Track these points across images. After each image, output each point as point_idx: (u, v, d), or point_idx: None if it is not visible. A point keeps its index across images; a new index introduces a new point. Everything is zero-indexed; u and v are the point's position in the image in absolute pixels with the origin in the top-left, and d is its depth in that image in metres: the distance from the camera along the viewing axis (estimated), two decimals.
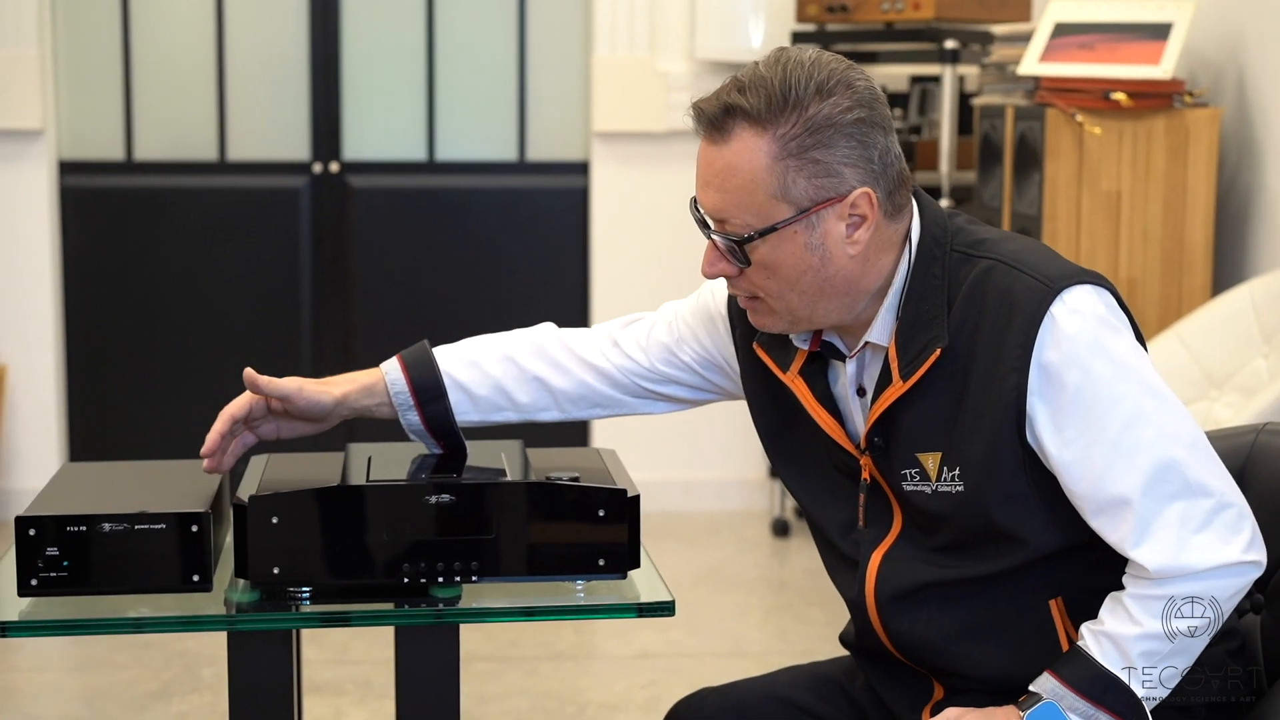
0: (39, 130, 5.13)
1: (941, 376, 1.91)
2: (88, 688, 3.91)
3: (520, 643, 4.16)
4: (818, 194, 1.86)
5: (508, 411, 2.20)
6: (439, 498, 1.94)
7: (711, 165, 1.89)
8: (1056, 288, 1.87)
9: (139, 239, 5.31)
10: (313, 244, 5.36)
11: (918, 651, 2.01)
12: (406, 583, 1.94)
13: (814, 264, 1.89)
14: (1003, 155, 4.18)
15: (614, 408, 2.24)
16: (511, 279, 5.42)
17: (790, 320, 1.94)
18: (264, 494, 1.92)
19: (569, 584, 1.99)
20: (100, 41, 5.26)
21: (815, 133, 1.84)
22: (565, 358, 2.20)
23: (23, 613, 1.92)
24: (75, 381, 5.31)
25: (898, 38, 4.88)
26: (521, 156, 5.43)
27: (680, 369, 2.19)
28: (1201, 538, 1.85)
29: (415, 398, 2.14)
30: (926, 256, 1.93)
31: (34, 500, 2.01)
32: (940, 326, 1.90)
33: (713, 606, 4.50)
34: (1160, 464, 1.84)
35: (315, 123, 5.34)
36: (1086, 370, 1.85)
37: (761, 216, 1.87)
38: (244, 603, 1.94)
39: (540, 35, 5.39)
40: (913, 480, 1.95)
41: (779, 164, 1.85)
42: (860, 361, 1.99)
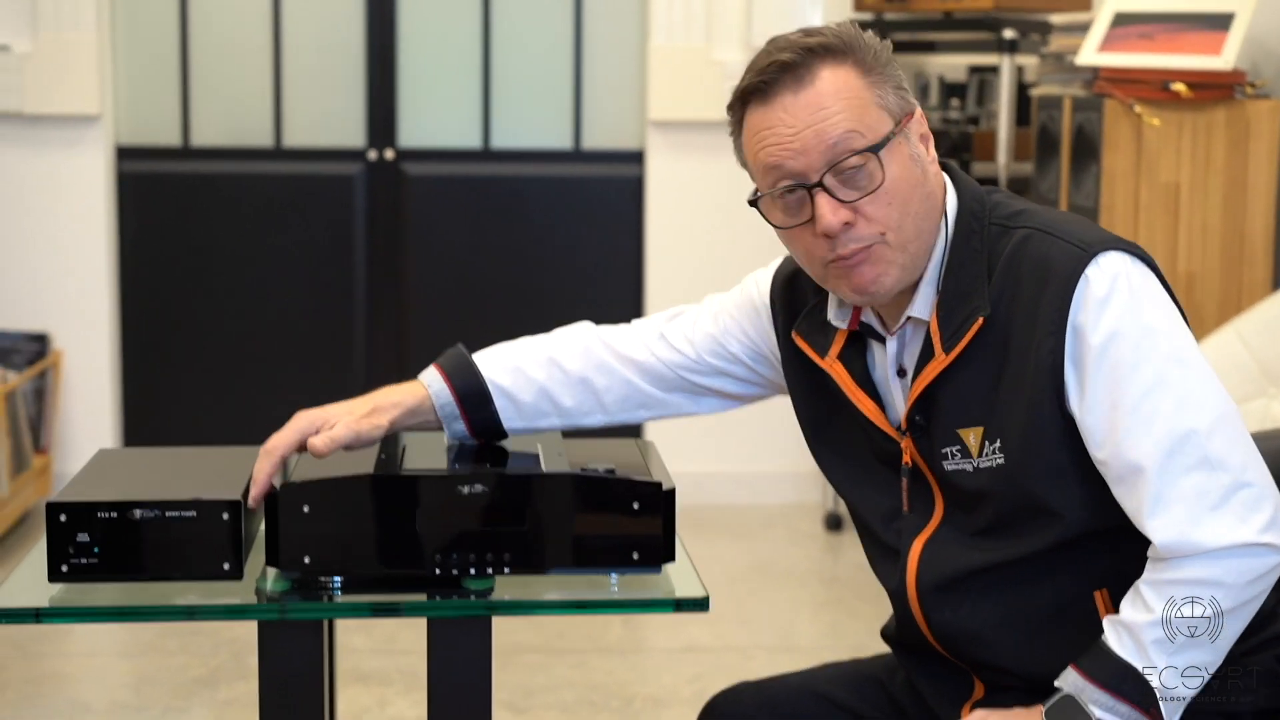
0: (97, 115, 5.14)
1: (982, 347, 1.90)
2: (136, 673, 3.92)
3: (568, 634, 4.14)
4: (901, 107, 1.92)
5: (552, 417, 2.18)
6: (471, 488, 1.92)
7: (805, 109, 1.87)
8: (1092, 252, 1.86)
9: (195, 224, 5.32)
10: (367, 231, 5.35)
11: (958, 643, 1.98)
12: (438, 574, 1.92)
13: (919, 177, 1.91)
14: (1060, 147, 4.13)
15: (659, 409, 2.21)
16: (565, 268, 5.40)
17: (903, 262, 1.90)
18: (295, 482, 1.91)
19: (603, 577, 1.97)
20: (158, 27, 5.27)
21: (880, 54, 1.92)
22: (609, 358, 2.17)
23: (54, 599, 1.92)
24: (130, 366, 5.33)
25: (956, 27, 4.82)
26: (577, 145, 5.41)
27: (728, 360, 2.17)
28: (1216, 514, 1.80)
29: (461, 406, 2.13)
30: (965, 230, 1.93)
31: (67, 486, 2.00)
32: (981, 297, 1.89)
33: (763, 600, 4.47)
34: (1179, 434, 1.81)
35: (371, 110, 5.33)
36: (1113, 333, 1.83)
37: (875, 130, 1.88)
38: (275, 591, 1.93)
39: (597, 23, 5.36)
40: (954, 458, 1.92)
41: (870, 77, 1.90)
42: (901, 340, 1.98)
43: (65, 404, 5.20)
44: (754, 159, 1.93)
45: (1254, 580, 1.82)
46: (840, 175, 1.87)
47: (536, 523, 1.93)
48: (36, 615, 1.94)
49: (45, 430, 5.05)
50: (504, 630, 4.10)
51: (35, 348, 5.06)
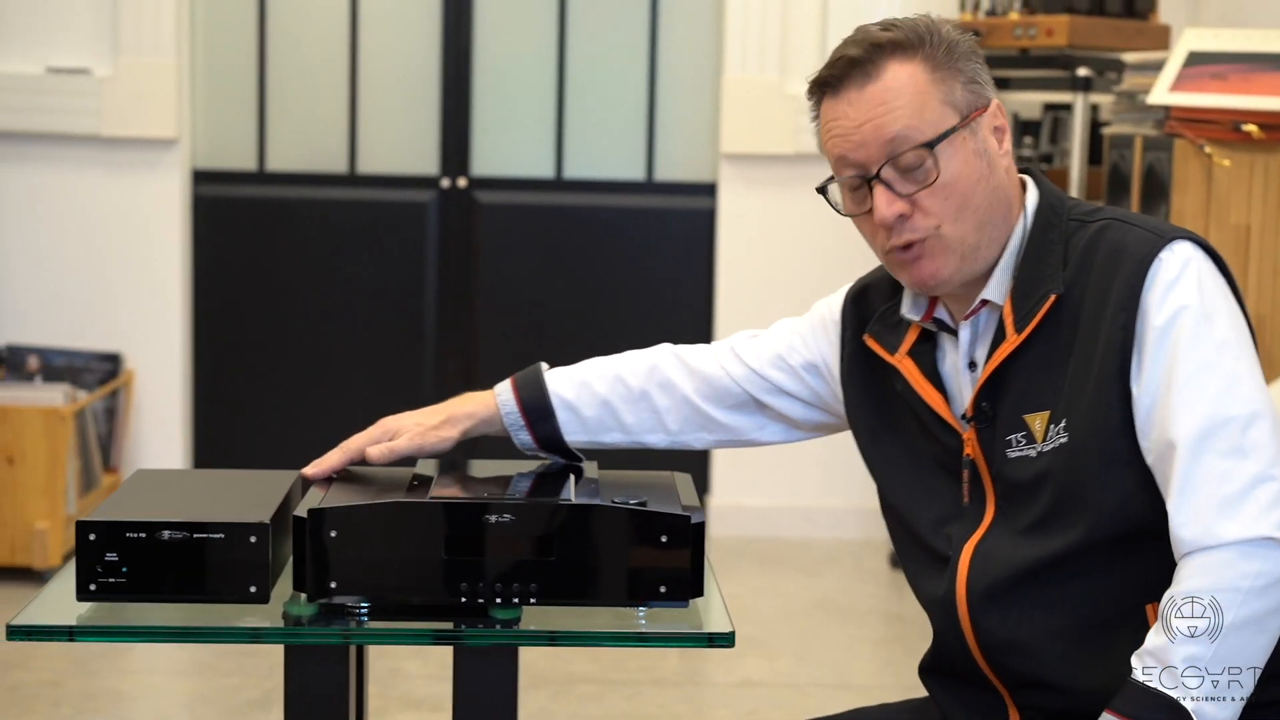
0: (174, 139, 5.20)
1: (1053, 327, 1.93)
2: (191, 693, 3.94)
3: (624, 666, 4.12)
4: (972, 101, 1.95)
5: (615, 432, 2.23)
6: (498, 517, 1.91)
7: (868, 104, 1.94)
8: (1167, 238, 1.90)
9: (269, 249, 5.37)
10: (439, 258, 5.38)
11: (1003, 653, 1.95)
12: (464, 602, 1.92)
13: (984, 172, 1.94)
14: (1131, 186, 4.08)
15: (720, 432, 2.26)
16: (636, 299, 5.40)
17: (961, 254, 1.95)
18: (322, 508, 1.91)
19: (631, 610, 1.95)
20: (236, 53, 5.33)
21: (952, 48, 1.95)
22: (674, 375, 2.23)
23: (82, 617, 1.92)
24: (201, 388, 5.37)
25: (1031, 64, 4.79)
26: (649, 176, 5.41)
27: (789, 374, 2.20)
28: (1237, 504, 1.79)
29: (526, 418, 2.19)
30: (1043, 223, 1.97)
31: (100, 505, 2.01)
32: (1055, 279, 1.93)
33: (823, 636, 4.44)
34: (1217, 418, 1.82)
35: (445, 138, 5.36)
36: (1174, 315, 1.86)
37: (937, 125, 1.93)
38: (301, 616, 1.93)
39: (671, 55, 5.37)
40: (1018, 445, 1.94)
41: (938, 73, 1.94)
42: (974, 330, 2.00)
43: (136, 424, 5.25)
44: (827, 148, 2.00)
45: (1267, 588, 1.78)
46: (898, 168, 1.93)
47: (564, 553, 1.92)
48: (70, 634, 1.95)
49: (115, 449, 5.10)
50: (560, 660, 4.10)
51: (107, 367, 5.12)
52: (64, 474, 4.61)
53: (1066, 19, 4.59)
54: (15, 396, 4.68)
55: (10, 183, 5.17)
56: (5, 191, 5.17)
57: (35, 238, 5.20)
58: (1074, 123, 4.56)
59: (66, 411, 4.64)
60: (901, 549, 2.09)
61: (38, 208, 5.19)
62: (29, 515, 4.56)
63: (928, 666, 2.08)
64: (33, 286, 5.20)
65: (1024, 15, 4.75)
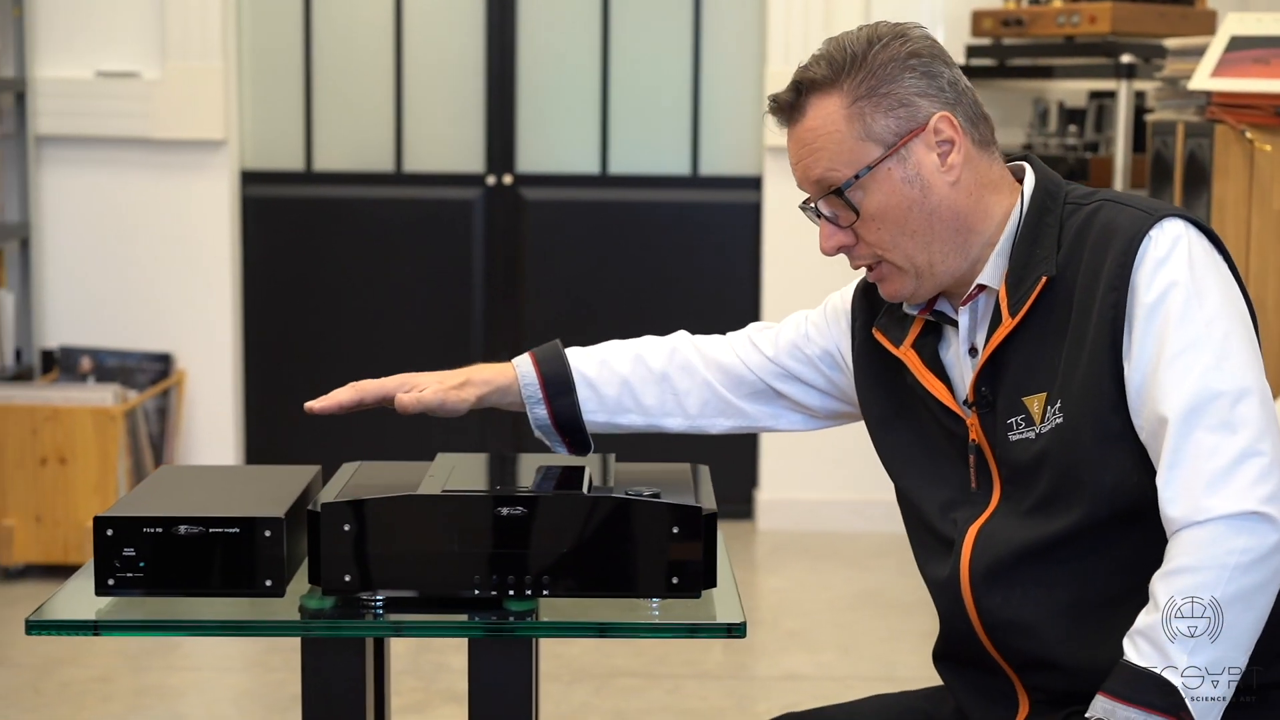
0: (222, 140, 5.24)
1: (1046, 309, 1.93)
2: (237, 688, 3.98)
3: (668, 659, 4.13)
4: (900, 126, 1.95)
5: (634, 414, 2.24)
6: (510, 510, 1.92)
7: (796, 143, 2.00)
8: (1157, 216, 1.90)
9: (317, 248, 5.40)
10: (485, 255, 5.40)
11: (1008, 634, 1.96)
12: (478, 594, 1.93)
13: (916, 197, 1.96)
14: (1173, 173, 4.05)
15: (738, 418, 2.27)
16: (683, 293, 5.40)
17: (914, 274, 1.98)
18: (336, 501, 1.93)
19: (644, 601, 1.96)
20: (282, 55, 5.37)
21: (879, 71, 1.95)
22: (694, 359, 2.25)
23: (101, 611, 1.95)
24: (252, 386, 5.41)
25: (1075, 52, 4.76)
26: (695, 170, 5.42)
27: (805, 363, 2.22)
28: (1223, 478, 1.79)
29: (544, 391, 2.21)
30: (1039, 207, 1.97)
31: (120, 501, 2.03)
32: (1048, 261, 1.93)
33: (869, 630, 4.43)
34: (1207, 393, 1.82)
35: (490, 135, 5.38)
36: (1164, 292, 1.86)
37: (855, 163, 1.95)
38: (317, 609, 1.94)
39: (715, 49, 5.37)
40: (1018, 428, 1.94)
41: (854, 108, 1.95)
42: (973, 315, 2.01)
43: (188, 423, 5.29)
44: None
45: (1254, 563, 1.77)
46: (832, 204, 1.99)
47: (576, 545, 1.92)
48: (95, 628, 1.97)
49: (167, 448, 5.15)
50: (603, 654, 4.11)
51: (159, 367, 5.16)
52: (115, 473, 4.66)
53: (1109, 5, 4.56)
54: (67, 397, 4.73)
55: (62, 186, 5.23)
56: (57, 194, 5.23)
57: (86, 240, 5.25)
58: (1118, 110, 4.53)
59: (117, 411, 4.69)
60: (912, 535, 2.11)
61: (89, 210, 5.25)
62: (81, 514, 4.61)
63: (939, 652, 2.10)
64: (84, 288, 5.26)
65: (1067, 2, 4.73)
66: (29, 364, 5.15)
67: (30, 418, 4.65)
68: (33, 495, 4.66)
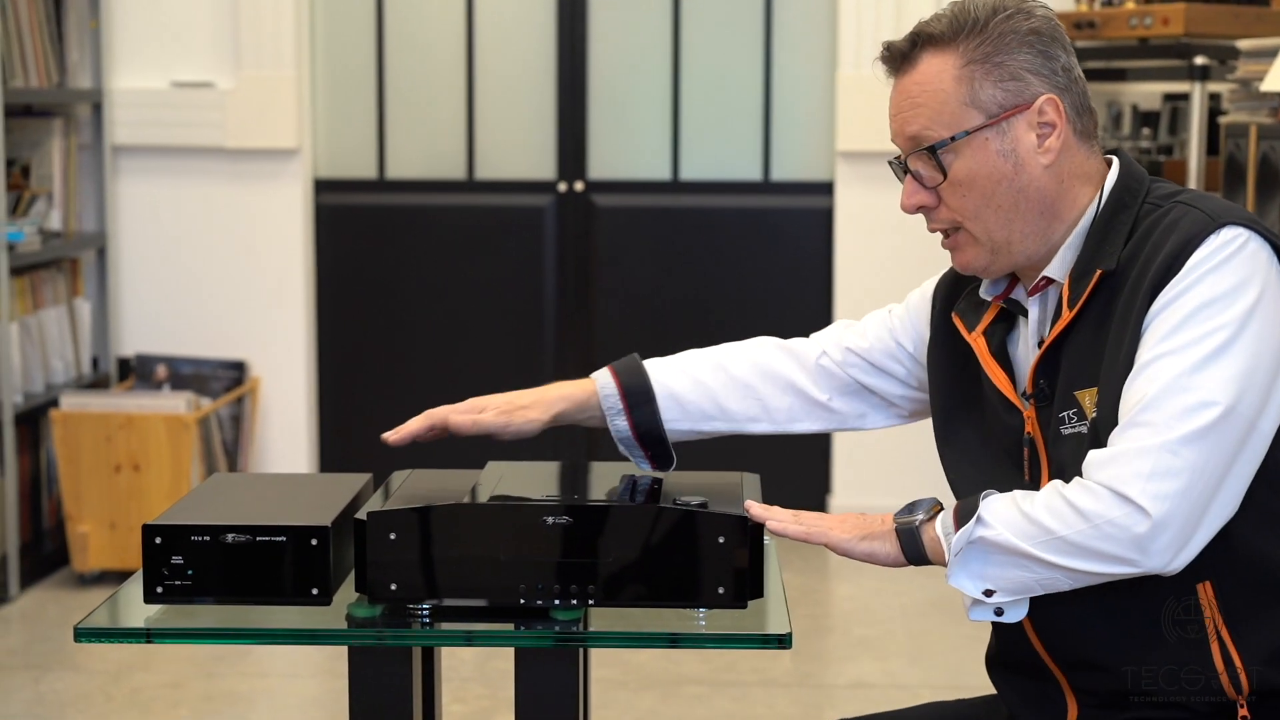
0: (295, 149, 5.28)
1: (1101, 304, 1.92)
2: (305, 695, 4.00)
3: (736, 667, 4.12)
4: (1006, 99, 1.93)
5: (717, 421, 2.24)
6: (555, 519, 1.92)
7: (901, 94, 1.98)
8: (1219, 222, 1.87)
9: (390, 255, 5.43)
10: (557, 261, 5.41)
11: (1060, 636, 1.95)
12: (524, 603, 1.92)
13: (1008, 172, 1.95)
14: (1246, 176, 4.00)
15: (826, 419, 2.27)
16: (755, 299, 5.39)
17: (990, 248, 1.97)
18: (382, 510, 1.93)
19: (690, 610, 1.95)
20: (355, 64, 5.40)
21: (997, 40, 1.94)
22: (778, 363, 2.25)
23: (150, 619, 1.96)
24: (326, 393, 5.45)
25: (1149, 54, 4.71)
26: (766, 176, 5.40)
27: (889, 357, 2.23)
28: (1131, 458, 1.79)
29: (625, 401, 2.20)
30: (1116, 203, 1.96)
31: (170, 509, 2.05)
32: (1110, 257, 1.92)
33: (939, 638, 4.39)
34: (1171, 390, 1.80)
35: (561, 142, 5.39)
36: (1189, 290, 1.84)
37: (953, 125, 1.95)
38: (364, 618, 1.95)
39: (785, 54, 5.35)
40: (1071, 423, 1.93)
41: (965, 70, 1.93)
42: (1043, 308, 2.00)
43: (262, 430, 5.33)
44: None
45: (1090, 560, 1.80)
46: (923, 161, 1.96)
47: (621, 555, 1.92)
48: (148, 636, 1.98)
49: (242, 455, 5.19)
50: (672, 661, 4.10)
51: (233, 375, 5.21)
52: (189, 480, 4.70)
53: (1183, 7, 4.50)
54: (141, 405, 4.78)
55: (137, 195, 5.28)
56: (133, 204, 5.28)
57: (162, 249, 5.31)
58: (1191, 113, 4.47)
59: (190, 419, 4.73)
60: None
61: (164, 219, 5.30)
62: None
63: (991, 657, 2.08)
64: (160, 296, 5.31)
65: (1140, 4, 4.68)
66: (105, 372, 5.20)
67: (105, 425, 4.70)
68: (107, 502, 4.71)
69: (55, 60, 5.03)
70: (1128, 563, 1.80)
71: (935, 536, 1.91)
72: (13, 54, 4.77)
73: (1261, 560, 1.87)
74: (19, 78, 4.80)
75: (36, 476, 4.88)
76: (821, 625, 4.51)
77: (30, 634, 4.39)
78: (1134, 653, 1.90)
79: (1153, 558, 1.78)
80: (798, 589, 4.70)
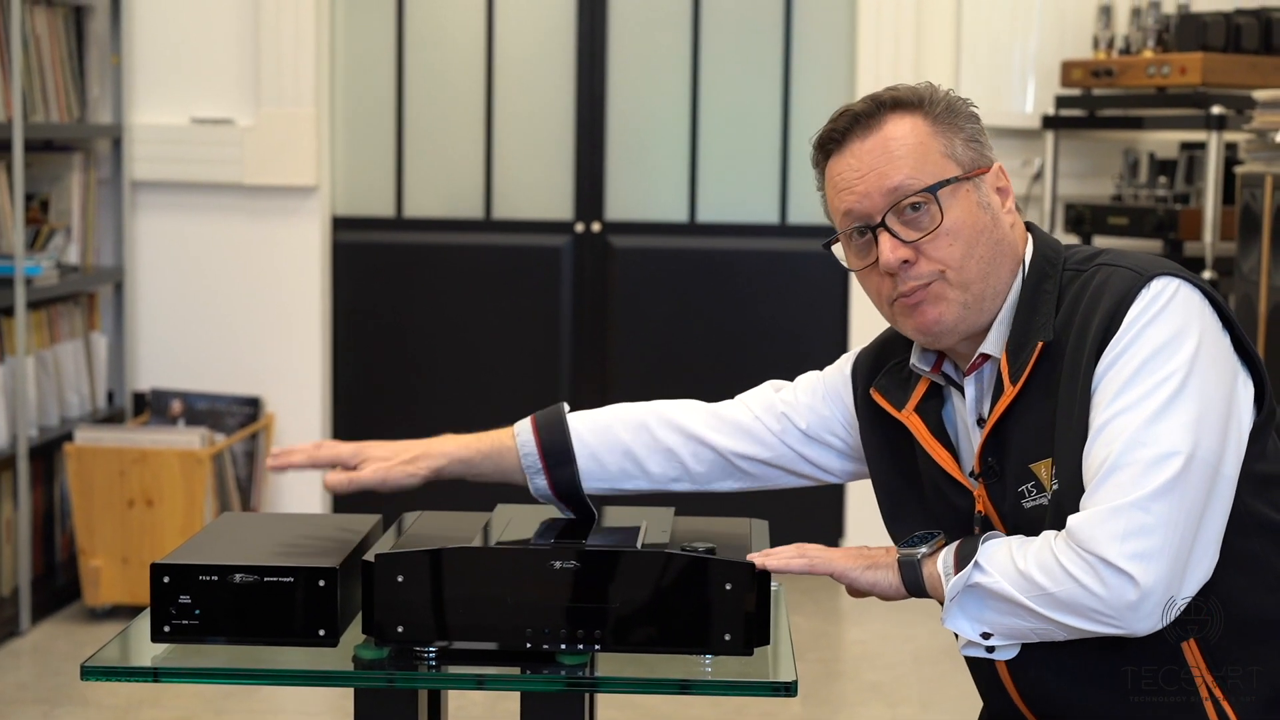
0: (314, 186, 5.30)
1: (1044, 375, 1.92)
2: None
3: (745, 711, 4.10)
4: (974, 159, 1.97)
5: (639, 480, 2.21)
6: (563, 563, 1.92)
7: (870, 153, 1.95)
8: (1148, 276, 1.89)
9: (406, 294, 5.44)
10: (574, 302, 5.41)
11: (1050, 704, 1.95)
12: (530, 647, 1.92)
13: (987, 224, 1.96)
14: (1262, 226, 4.00)
15: (748, 480, 2.24)
16: (770, 342, 5.39)
17: (965, 300, 1.95)
18: (389, 553, 1.93)
19: (697, 656, 1.95)
20: (374, 102, 5.42)
21: (950, 107, 1.98)
22: (706, 430, 2.19)
23: (157, 658, 1.96)
24: (340, 432, 5.45)
25: (1166, 103, 4.71)
26: (783, 219, 5.41)
27: (823, 425, 2.19)
28: (1109, 517, 1.80)
29: (544, 461, 2.16)
30: (1038, 274, 1.97)
31: (178, 549, 2.05)
32: (1046, 328, 1.93)
33: (952, 683, 4.37)
34: (1130, 448, 1.81)
35: (579, 183, 5.40)
36: (1132, 346, 1.85)
37: (936, 175, 1.94)
38: (370, 660, 1.95)
39: (804, 98, 5.36)
40: (1031, 496, 1.92)
41: (938, 127, 1.96)
42: (979, 386, 1.99)
43: None
44: (832, 206, 2.00)
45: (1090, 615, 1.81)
46: (902, 216, 1.94)
47: (628, 600, 1.92)
48: (155, 675, 1.99)
49: (255, 492, 5.20)
50: (681, 703, 4.09)
51: (248, 411, 5.22)
52: (202, 516, 4.70)
53: (1200, 56, 4.52)
54: (155, 440, 4.79)
55: (156, 230, 5.30)
56: (151, 239, 5.30)
57: (179, 284, 5.32)
58: (1208, 162, 4.48)
59: (203, 454, 4.74)
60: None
61: (181, 255, 5.32)
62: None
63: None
64: (176, 332, 5.33)
65: (1157, 53, 4.69)
66: (120, 406, 5.22)
67: (118, 460, 4.71)
68: (120, 537, 4.72)
69: (76, 95, 5.06)
70: (1117, 626, 1.81)
71: (935, 573, 1.91)
72: (34, 88, 4.80)
73: (1240, 608, 1.87)
74: (40, 112, 4.83)
75: (50, 510, 4.89)
76: (832, 670, 4.49)
77: (41, 668, 4.39)
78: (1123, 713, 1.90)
79: (1141, 622, 1.80)
80: (808, 633, 4.68)
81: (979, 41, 5.15)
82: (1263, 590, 1.89)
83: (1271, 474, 1.91)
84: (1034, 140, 5.13)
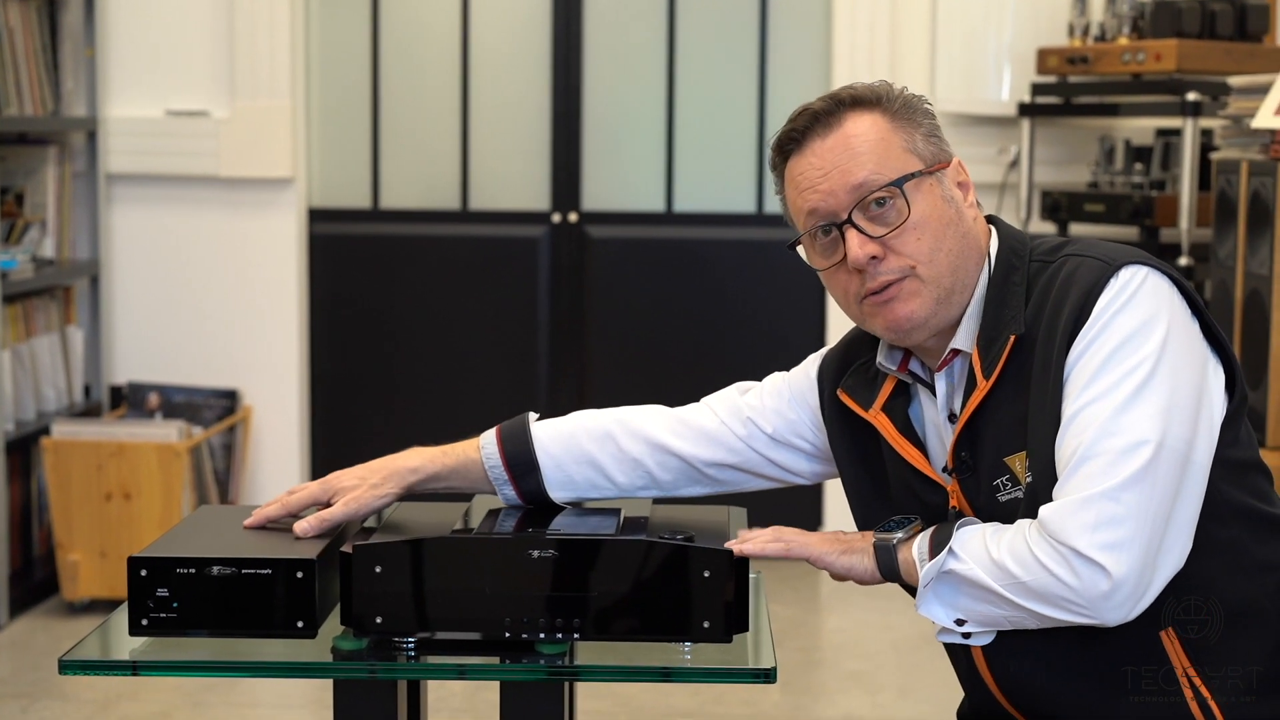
0: (290, 178, 5.28)
1: (1017, 368, 1.92)
2: None
3: (725, 700, 4.11)
4: (935, 154, 1.98)
5: (606, 489, 2.19)
6: (541, 553, 1.92)
7: (832, 151, 1.95)
8: (1116, 265, 1.88)
9: (383, 285, 5.43)
10: (551, 292, 5.41)
11: (1028, 697, 1.95)
12: (509, 637, 1.92)
13: (952, 216, 1.96)
14: (1237, 212, 4.01)
15: (714, 486, 2.23)
16: (747, 330, 5.39)
17: (936, 296, 1.94)
18: (368, 544, 1.93)
19: (677, 644, 1.95)
20: (350, 94, 5.41)
21: (907, 104, 1.98)
22: (671, 438, 2.18)
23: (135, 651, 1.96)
24: (318, 423, 5.45)
25: (1141, 89, 4.72)
26: (760, 208, 5.41)
27: (793, 433, 2.18)
28: (1079, 508, 1.80)
29: (510, 473, 2.15)
30: (1005, 267, 1.97)
31: (156, 541, 2.05)
32: (1016, 321, 1.92)
33: (932, 671, 4.38)
34: (1101, 435, 1.81)
35: (555, 174, 5.40)
36: (1101, 336, 1.85)
37: (900, 169, 1.94)
38: (349, 651, 1.94)
39: (779, 87, 5.36)
40: (1006, 489, 1.92)
41: (897, 123, 1.96)
42: (949, 381, 1.99)
43: (254, 459, 5.33)
44: (794, 206, 2.00)
45: (1054, 609, 1.82)
46: (868, 213, 1.94)
47: (607, 588, 1.92)
48: (133, 668, 1.98)
49: (233, 484, 5.19)
50: (661, 692, 4.10)
51: (225, 404, 5.21)
52: (179, 509, 4.69)
53: (1175, 43, 4.52)
54: (132, 433, 4.78)
55: (131, 223, 5.29)
56: (126, 232, 5.29)
57: (155, 277, 5.31)
58: (1184, 148, 4.48)
59: (181, 447, 4.73)
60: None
61: (158, 248, 5.30)
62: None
63: (967, 715, 2.07)
64: (153, 325, 5.31)
65: (1132, 40, 4.70)
66: (97, 400, 5.20)
67: (96, 453, 4.70)
68: (97, 531, 4.71)
69: (50, 88, 5.04)
70: (1088, 615, 1.81)
71: (910, 559, 1.91)
72: (8, 82, 4.78)
73: (1219, 595, 1.87)
74: (14, 105, 4.81)
75: (27, 504, 4.87)
76: (811, 658, 4.50)
77: (19, 662, 4.38)
78: (1106, 707, 1.91)
79: (1113, 611, 1.80)
80: (787, 621, 4.69)
81: (954, 29, 5.15)
82: (1240, 577, 1.89)
83: (1245, 460, 1.92)
84: (1010, 128, 5.14)
